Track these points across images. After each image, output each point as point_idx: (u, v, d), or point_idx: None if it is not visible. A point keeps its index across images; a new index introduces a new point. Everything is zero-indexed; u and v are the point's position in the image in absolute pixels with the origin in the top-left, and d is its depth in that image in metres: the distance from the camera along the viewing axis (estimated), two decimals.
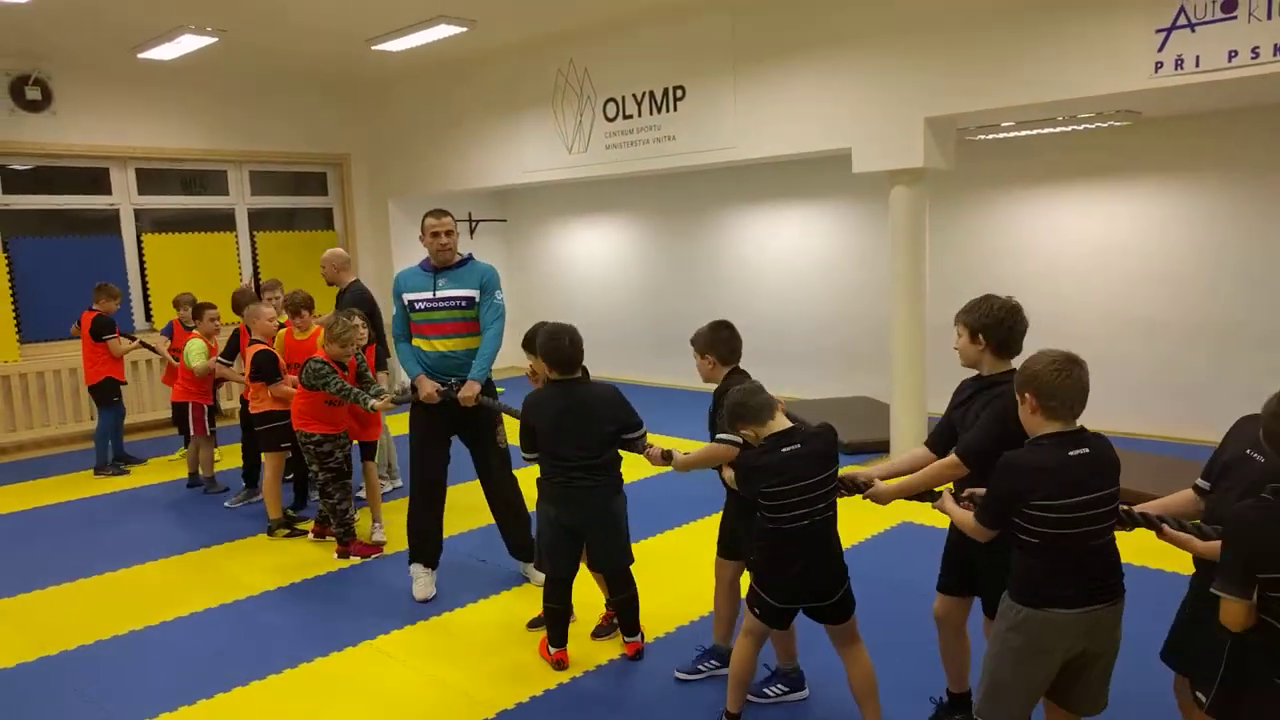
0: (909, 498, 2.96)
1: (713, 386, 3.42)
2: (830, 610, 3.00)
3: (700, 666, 3.65)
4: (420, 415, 4.48)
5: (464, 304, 4.35)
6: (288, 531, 5.60)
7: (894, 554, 4.85)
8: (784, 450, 2.90)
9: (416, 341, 4.45)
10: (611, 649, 3.92)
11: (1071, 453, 2.38)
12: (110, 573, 5.11)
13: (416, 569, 4.57)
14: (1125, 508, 2.53)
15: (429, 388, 4.30)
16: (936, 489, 2.88)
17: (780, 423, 2.95)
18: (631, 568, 3.81)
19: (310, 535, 5.50)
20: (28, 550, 5.59)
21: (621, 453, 3.71)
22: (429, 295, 4.35)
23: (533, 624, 4.21)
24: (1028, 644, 2.44)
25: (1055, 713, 2.61)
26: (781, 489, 2.86)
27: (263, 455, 5.81)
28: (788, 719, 3.35)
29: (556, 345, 3.56)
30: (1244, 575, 2.06)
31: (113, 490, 6.90)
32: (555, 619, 3.76)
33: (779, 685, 3.42)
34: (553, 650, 3.77)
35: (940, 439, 3.00)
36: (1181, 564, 3.86)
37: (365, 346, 5.45)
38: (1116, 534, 2.50)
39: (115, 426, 7.41)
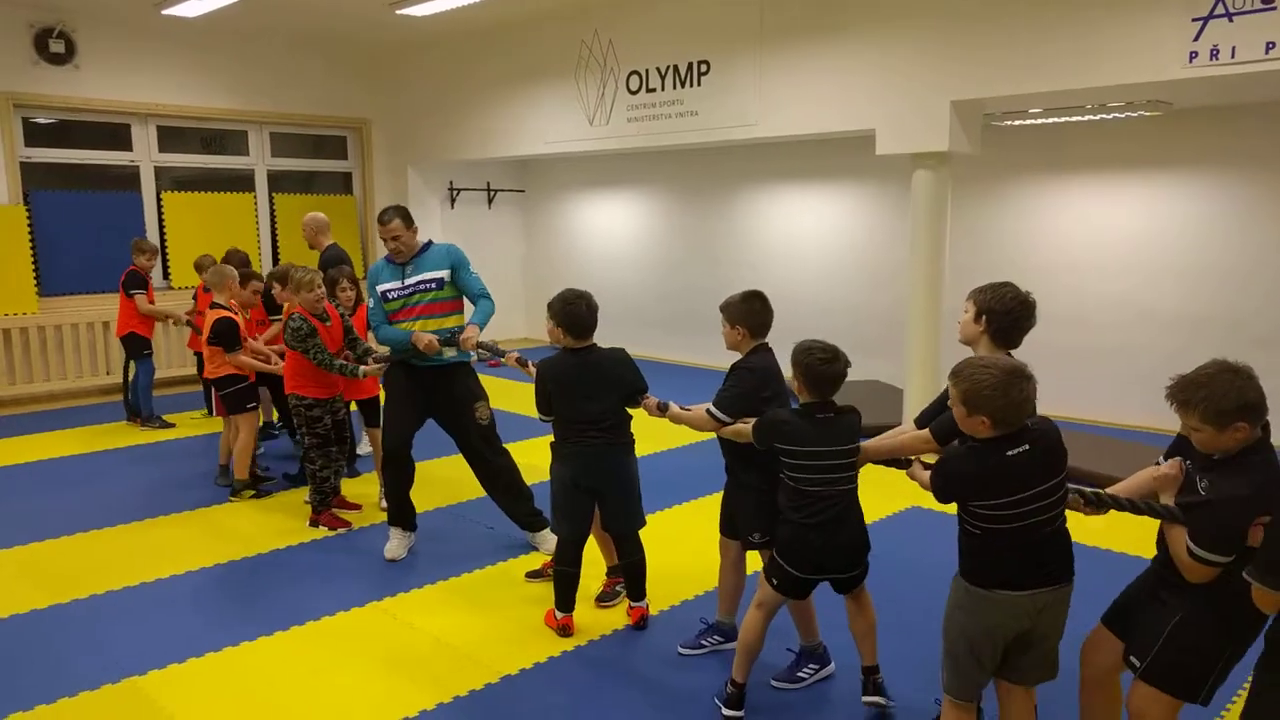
0: (881, 462, 3.05)
1: (733, 357, 3.37)
2: (844, 583, 3.12)
3: (703, 641, 3.68)
4: (396, 384, 4.60)
5: (434, 285, 4.49)
6: (254, 493, 5.58)
7: (903, 536, 4.85)
8: (817, 416, 2.98)
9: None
10: (616, 618, 3.94)
11: (1009, 453, 2.41)
12: (124, 525, 5.17)
13: (394, 530, 4.72)
14: (1096, 491, 2.58)
15: (427, 338, 4.37)
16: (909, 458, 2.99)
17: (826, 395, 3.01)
18: (641, 534, 3.83)
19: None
20: (44, 500, 5.65)
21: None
22: (399, 284, 4.50)
23: (531, 575, 4.35)
24: (975, 622, 2.52)
25: (1002, 686, 2.66)
26: (805, 449, 2.94)
27: (231, 418, 5.65)
28: (811, 697, 3.36)
29: (573, 310, 3.61)
30: None
31: (137, 443, 6.96)
32: (564, 582, 3.78)
33: (810, 666, 3.43)
34: (559, 615, 3.79)
35: (929, 419, 3.05)
36: (1126, 545, 3.87)
37: (355, 308, 5.43)
38: (1072, 517, 2.56)
39: (147, 382, 7.42)
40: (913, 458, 2.93)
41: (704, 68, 7.65)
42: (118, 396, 8.39)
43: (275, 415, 6.76)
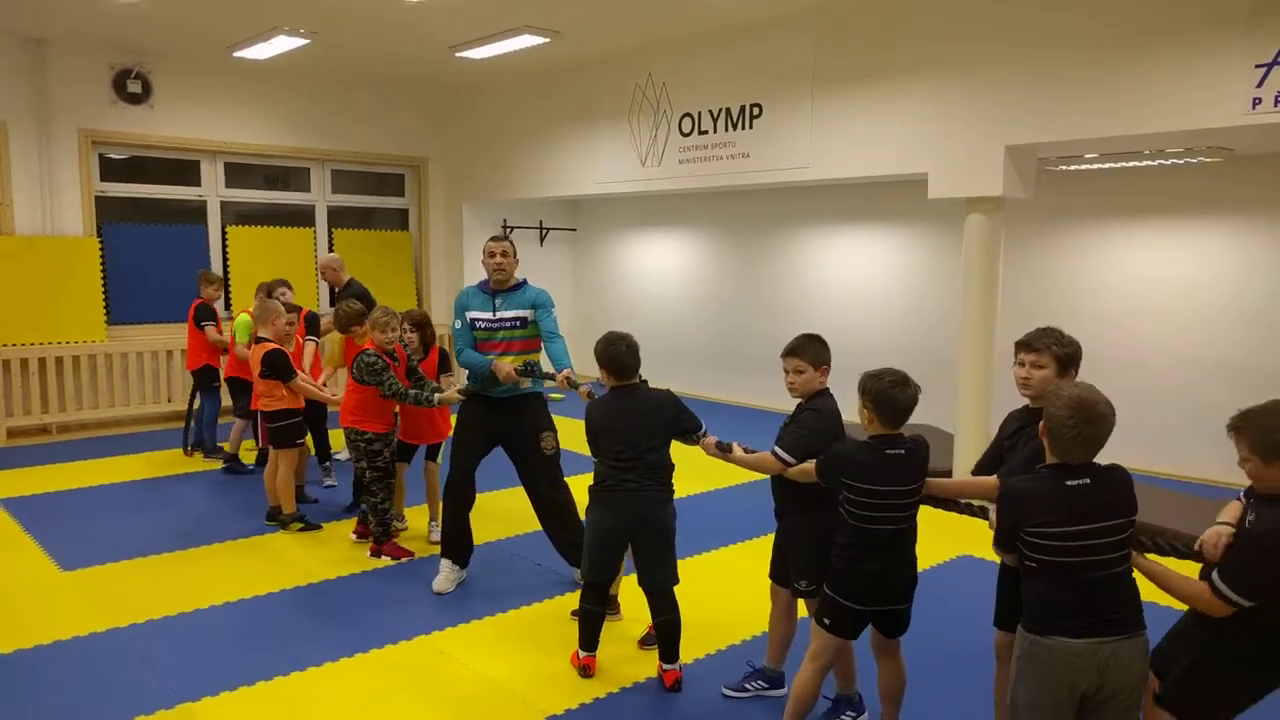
0: (934, 504, 3.11)
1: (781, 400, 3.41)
2: (895, 619, 3.07)
3: (748, 685, 3.65)
4: (466, 415, 4.70)
5: (519, 324, 4.59)
6: (302, 525, 5.63)
7: (950, 586, 4.77)
8: (888, 452, 2.92)
9: None
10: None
11: (1069, 483, 2.45)
12: (181, 551, 5.29)
13: (444, 563, 4.77)
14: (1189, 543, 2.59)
15: (507, 368, 4.44)
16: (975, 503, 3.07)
17: (896, 431, 2.98)
18: (683, 586, 3.76)
19: (353, 536, 5.46)
20: (105, 524, 5.81)
21: (677, 461, 3.73)
22: (489, 315, 4.59)
23: (576, 613, 4.29)
24: (1037, 673, 2.48)
25: None
26: (870, 488, 2.90)
27: (275, 453, 5.66)
28: None
29: (614, 352, 3.66)
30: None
31: (195, 470, 7.13)
32: (587, 621, 3.76)
33: (847, 713, 3.39)
34: (581, 654, 3.78)
35: (987, 467, 3.09)
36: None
37: (426, 352, 5.47)
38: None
39: (212, 414, 7.51)
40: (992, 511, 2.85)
41: (756, 110, 7.73)
42: (179, 424, 8.59)
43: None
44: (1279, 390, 7.25)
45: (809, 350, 3.28)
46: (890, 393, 2.89)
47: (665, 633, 3.70)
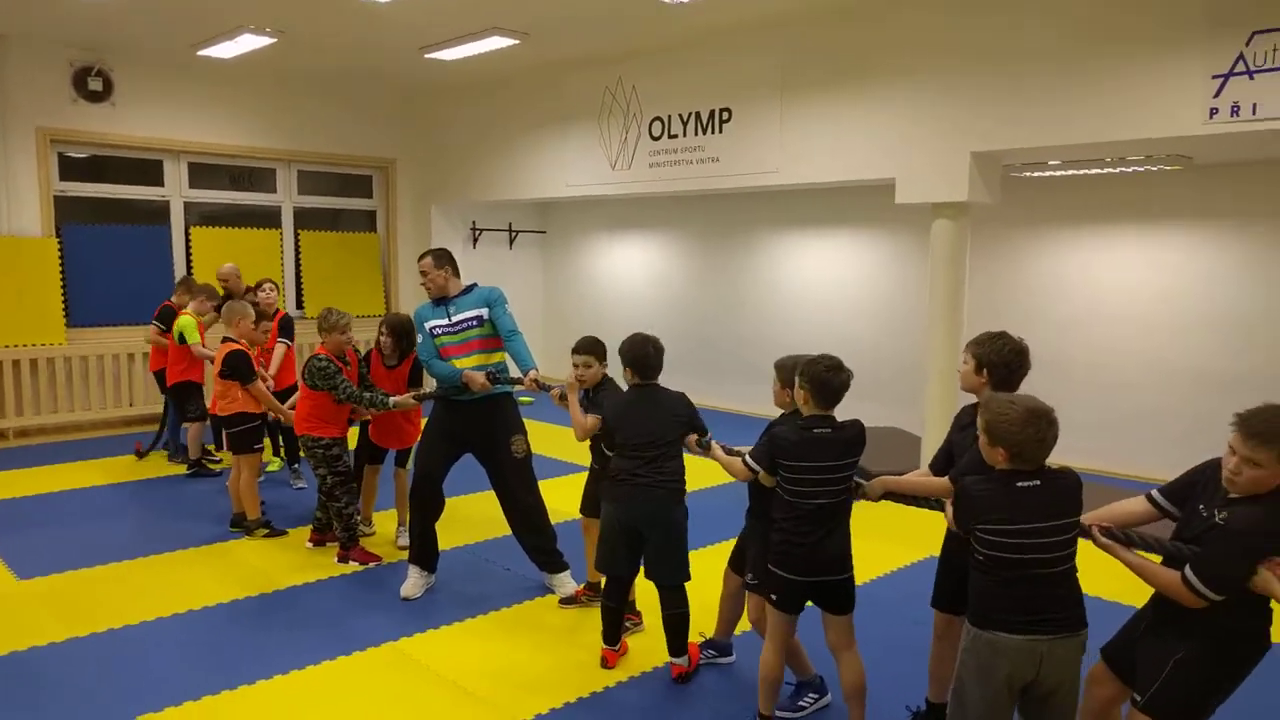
0: (900, 500, 3.20)
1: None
2: (836, 592, 3.19)
3: (701, 653, 3.93)
4: (435, 419, 4.71)
5: (476, 322, 4.63)
6: (267, 531, 5.56)
7: (918, 585, 4.81)
8: (815, 431, 3.13)
9: None
10: (640, 660, 3.94)
11: (1019, 484, 2.56)
12: (144, 558, 5.19)
13: (412, 569, 4.76)
14: (1126, 531, 2.65)
15: (481, 379, 4.46)
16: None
17: (827, 412, 3.17)
18: (688, 584, 3.82)
19: (309, 544, 5.37)
20: (64, 531, 5.69)
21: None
22: (445, 321, 4.63)
23: (564, 602, 4.54)
24: (978, 665, 2.59)
25: None
26: (798, 464, 3.10)
27: (236, 458, 5.56)
28: None
29: (641, 352, 3.80)
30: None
31: (158, 475, 7.01)
32: (605, 617, 3.90)
33: (809, 695, 3.56)
34: (604, 646, 3.91)
35: (941, 462, 3.24)
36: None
37: (400, 361, 5.32)
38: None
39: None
40: (947, 502, 2.94)
41: (726, 115, 7.75)
42: (140, 428, 8.47)
43: (283, 453, 6.87)
44: (1240, 393, 7.38)
45: (781, 369, 3.42)
46: (825, 376, 3.12)
47: (671, 625, 3.80)
